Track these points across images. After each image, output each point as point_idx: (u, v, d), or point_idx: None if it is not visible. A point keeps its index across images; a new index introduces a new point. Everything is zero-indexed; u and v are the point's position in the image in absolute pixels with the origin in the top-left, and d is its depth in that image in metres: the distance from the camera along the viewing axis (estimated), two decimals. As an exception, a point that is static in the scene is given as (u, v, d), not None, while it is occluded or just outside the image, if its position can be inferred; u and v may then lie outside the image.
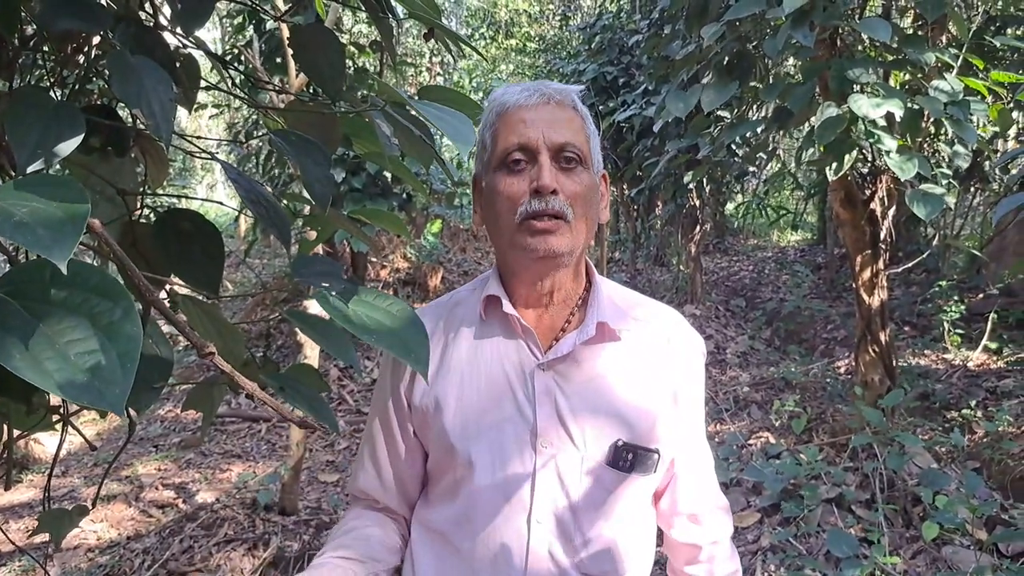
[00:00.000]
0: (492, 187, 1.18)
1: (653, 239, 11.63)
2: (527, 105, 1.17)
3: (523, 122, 1.16)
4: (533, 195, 1.13)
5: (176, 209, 1.10)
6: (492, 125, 1.20)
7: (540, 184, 1.12)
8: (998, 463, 3.94)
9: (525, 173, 1.15)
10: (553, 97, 1.19)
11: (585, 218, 1.18)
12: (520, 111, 1.17)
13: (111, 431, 6.51)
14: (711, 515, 1.33)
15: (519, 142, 1.15)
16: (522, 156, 1.15)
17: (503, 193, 1.16)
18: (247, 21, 6.77)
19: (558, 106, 1.19)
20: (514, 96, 1.19)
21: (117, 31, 0.99)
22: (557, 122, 1.17)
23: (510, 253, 1.20)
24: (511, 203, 1.15)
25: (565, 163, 1.16)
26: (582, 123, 1.21)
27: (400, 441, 1.31)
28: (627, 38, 9.73)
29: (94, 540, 4.15)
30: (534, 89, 1.19)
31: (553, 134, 1.15)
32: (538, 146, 1.14)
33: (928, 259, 7.42)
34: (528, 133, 1.15)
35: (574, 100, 1.22)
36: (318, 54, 1.14)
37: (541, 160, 1.14)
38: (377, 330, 0.90)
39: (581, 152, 1.17)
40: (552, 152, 1.15)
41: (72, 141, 0.77)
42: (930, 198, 3.05)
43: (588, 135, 1.21)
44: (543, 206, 1.13)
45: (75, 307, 0.64)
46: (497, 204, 1.17)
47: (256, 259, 12.64)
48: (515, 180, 1.15)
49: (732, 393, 5.88)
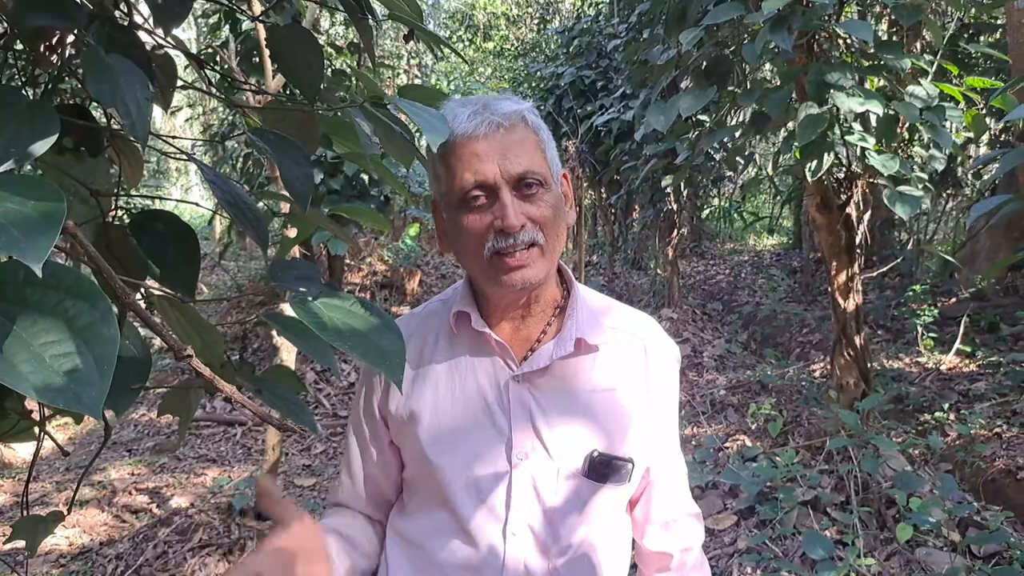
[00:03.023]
0: (455, 223, 1.15)
1: (631, 243, 11.66)
2: (477, 135, 1.11)
3: (476, 156, 1.11)
4: (499, 233, 1.10)
5: (151, 210, 1.08)
6: (443, 157, 1.14)
7: (506, 224, 1.09)
8: (971, 466, 3.98)
9: (487, 209, 1.12)
10: (503, 124, 1.12)
11: (556, 238, 1.17)
12: (471, 143, 1.11)
13: (83, 435, 6.43)
14: (683, 523, 1.33)
15: (475, 180, 1.10)
16: (481, 193, 1.11)
17: (467, 231, 1.13)
18: (223, 21, 6.71)
19: (509, 131, 1.13)
20: (462, 124, 1.12)
21: (91, 29, 0.97)
22: (511, 148, 1.11)
23: (483, 281, 1.19)
24: (478, 239, 1.12)
25: (527, 190, 1.12)
26: (535, 139, 1.16)
27: (374, 453, 1.30)
28: (605, 42, 9.76)
29: (66, 546, 4.09)
30: (483, 117, 1.12)
31: (509, 165, 1.10)
32: (496, 181, 1.10)
33: (902, 264, 7.51)
34: (484, 169, 1.10)
35: (524, 117, 1.16)
36: (295, 55, 1.13)
37: (503, 198, 1.10)
38: (352, 337, 0.89)
39: (540, 174, 1.13)
40: (512, 184, 1.11)
41: (46, 141, 0.76)
42: (908, 198, 3.08)
43: (543, 149, 1.17)
44: (512, 242, 1.10)
45: (51, 309, 0.62)
46: (463, 241, 1.15)
47: (231, 262, 12.55)
48: (478, 217, 1.12)
49: (709, 396, 5.91)
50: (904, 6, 3.12)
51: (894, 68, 3.23)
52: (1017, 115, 1.47)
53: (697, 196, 10.44)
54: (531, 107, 1.20)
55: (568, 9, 16.13)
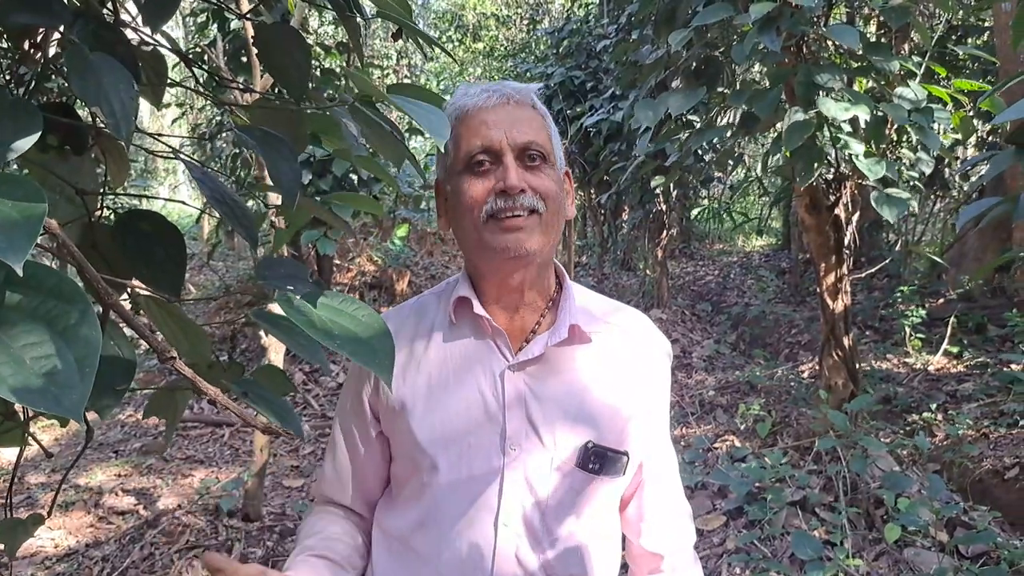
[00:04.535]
0: (457, 190, 1.18)
1: (620, 244, 11.68)
2: (487, 107, 1.17)
3: (485, 124, 1.16)
4: (499, 195, 1.13)
5: (137, 210, 1.07)
6: (453, 129, 1.18)
7: (508, 184, 1.12)
8: (959, 466, 4.00)
9: (490, 174, 1.15)
10: (513, 97, 1.19)
11: (556, 214, 1.19)
12: (481, 113, 1.17)
13: (69, 436, 6.38)
14: (675, 522, 1.33)
15: (482, 144, 1.15)
16: (486, 158, 1.15)
17: (468, 194, 1.15)
18: (210, 21, 6.68)
19: (518, 106, 1.19)
20: (473, 98, 1.19)
21: (76, 27, 0.96)
22: (519, 122, 1.17)
23: (478, 254, 1.19)
24: (477, 204, 1.15)
25: (530, 161, 1.16)
26: (543, 121, 1.21)
27: (361, 446, 1.30)
28: (595, 43, 9.77)
29: (52, 548, 4.06)
30: (493, 90, 1.19)
31: (516, 134, 1.15)
32: (502, 147, 1.15)
33: (890, 265, 7.54)
34: (491, 135, 1.15)
35: (533, 99, 1.23)
36: (283, 53, 1.12)
37: (506, 161, 1.14)
38: (341, 336, 0.88)
39: (544, 150, 1.18)
40: (516, 152, 1.15)
41: (29, 138, 0.74)
42: (895, 200, 3.10)
43: (550, 133, 1.22)
44: (511, 204, 1.13)
45: (31, 310, 0.61)
46: (463, 206, 1.17)
47: (219, 262, 12.49)
48: (480, 181, 1.15)
49: (698, 397, 5.92)
50: (892, 8, 3.14)
51: (883, 70, 3.24)
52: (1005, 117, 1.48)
53: (686, 197, 10.45)
54: (538, 89, 1.26)
55: (558, 10, 16.14)
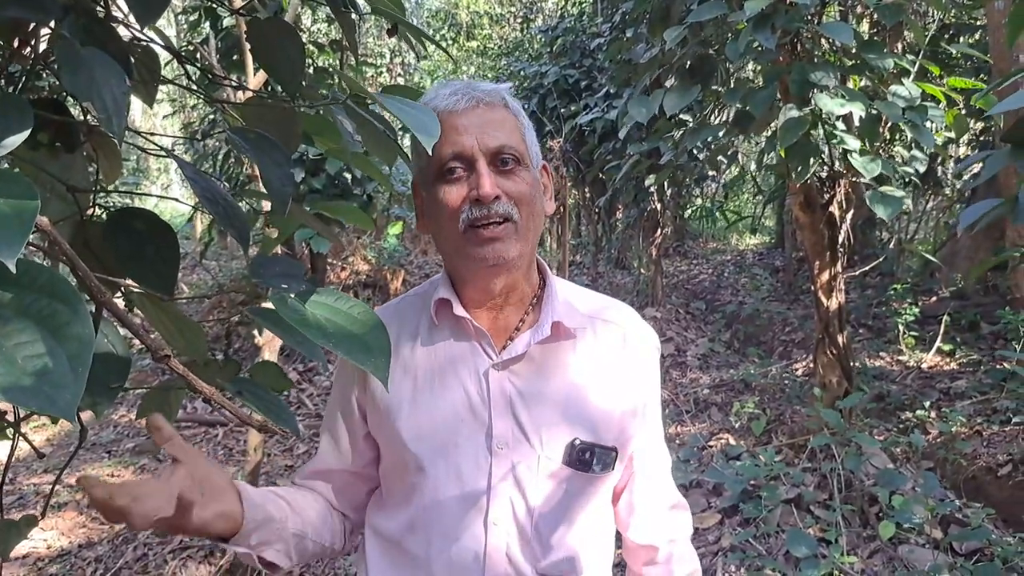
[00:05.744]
0: (433, 197, 1.17)
1: (614, 242, 11.66)
2: (457, 111, 1.15)
3: (455, 129, 1.13)
4: (474, 203, 1.12)
5: (129, 208, 1.07)
6: None
7: (481, 193, 1.11)
8: (952, 463, 4.01)
9: (463, 181, 1.14)
10: (483, 100, 1.17)
11: (532, 217, 1.17)
12: (451, 118, 1.14)
13: (61, 436, 6.35)
14: (668, 514, 1.33)
15: (453, 151, 1.13)
16: (459, 165, 1.14)
17: (444, 202, 1.14)
18: (203, 18, 6.66)
19: (488, 108, 1.17)
20: (443, 101, 1.16)
21: (67, 22, 0.95)
22: (489, 125, 1.15)
23: (458, 261, 1.19)
24: (452, 212, 1.13)
25: (503, 165, 1.15)
26: (515, 121, 1.20)
27: (349, 448, 1.30)
28: (589, 41, 9.77)
29: (44, 549, 4.04)
30: (463, 92, 1.16)
31: (487, 139, 1.14)
32: (473, 153, 1.13)
33: (884, 263, 7.55)
34: (462, 141, 1.13)
35: (504, 98, 1.20)
36: (277, 50, 1.11)
37: (479, 168, 1.12)
38: (336, 334, 0.87)
39: (517, 152, 1.16)
40: (489, 157, 1.14)
41: (19, 135, 0.73)
42: (890, 199, 3.10)
43: (523, 132, 1.20)
44: (485, 212, 1.11)
45: (23, 309, 0.61)
46: (439, 214, 1.16)
47: (212, 261, 12.46)
48: (454, 189, 1.14)
49: (692, 395, 5.92)
50: (886, 6, 3.14)
51: (877, 68, 3.25)
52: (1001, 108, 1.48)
53: (680, 195, 10.44)
54: (509, 88, 1.24)
55: (551, 8, 16.13)
